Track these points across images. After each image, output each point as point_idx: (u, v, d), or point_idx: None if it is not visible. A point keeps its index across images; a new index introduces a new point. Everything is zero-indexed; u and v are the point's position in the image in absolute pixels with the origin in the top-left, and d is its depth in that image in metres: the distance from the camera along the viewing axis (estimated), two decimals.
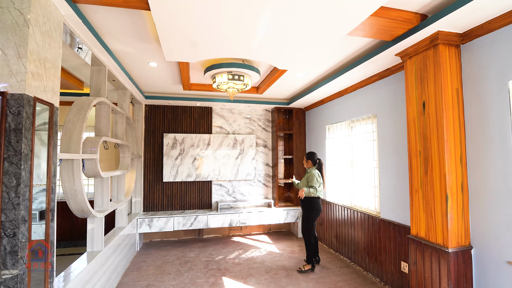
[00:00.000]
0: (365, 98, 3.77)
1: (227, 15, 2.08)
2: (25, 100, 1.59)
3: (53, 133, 1.91)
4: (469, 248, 2.32)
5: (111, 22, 2.39)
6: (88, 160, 2.73)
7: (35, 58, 1.68)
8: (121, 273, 3.61)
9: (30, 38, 1.63)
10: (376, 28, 2.44)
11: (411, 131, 2.69)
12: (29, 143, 1.64)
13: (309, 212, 3.79)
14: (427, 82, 2.50)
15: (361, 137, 3.93)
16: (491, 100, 2.18)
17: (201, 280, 3.47)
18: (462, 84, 2.41)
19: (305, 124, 5.56)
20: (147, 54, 3.10)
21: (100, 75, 2.97)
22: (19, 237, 1.56)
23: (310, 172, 3.86)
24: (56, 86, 1.94)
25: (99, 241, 2.89)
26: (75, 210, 2.55)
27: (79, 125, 2.43)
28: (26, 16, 1.62)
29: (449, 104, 2.37)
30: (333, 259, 4.16)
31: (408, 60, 2.74)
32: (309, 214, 3.79)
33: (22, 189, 1.58)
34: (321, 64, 3.44)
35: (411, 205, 2.69)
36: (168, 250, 4.55)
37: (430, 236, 2.47)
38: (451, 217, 2.30)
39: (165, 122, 5.15)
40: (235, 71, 3.31)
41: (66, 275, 2.32)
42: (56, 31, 1.93)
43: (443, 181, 2.34)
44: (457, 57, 2.43)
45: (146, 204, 5.00)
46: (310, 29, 2.30)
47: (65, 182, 2.37)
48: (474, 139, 2.31)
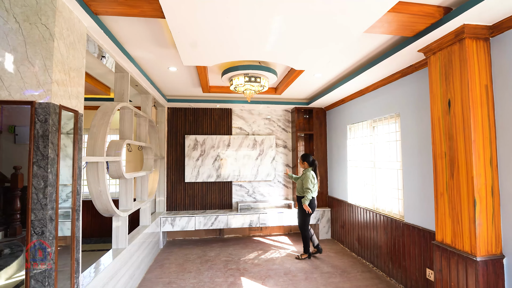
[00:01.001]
0: (387, 97, 3.62)
1: (237, 19, 2.09)
2: (51, 108, 1.72)
3: (78, 138, 2.04)
4: (501, 257, 2.14)
5: (131, 30, 2.51)
6: (112, 162, 2.88)
7: (60, 69, 1.81)
8: (145, 270, 3.77)
9: (55, 50, 1.76)
10: (396, 24, 2.33)
11: (435, 131, 2.54)
12: (55, 148, 1.77)
13: (303, 211, 4.19)
14: (453, 79, 2.35)
15: (384, 138, 3.78)
16: None
17: (220, 280, 3.54)
18: (492, 80, 2.24)
19: (326, 124, 5.45)
20: (166, 59, 3.21)
21: (123, 81, 3.12)
22: (47, 235, 1.69)
23: (305, 174, 4.21)
24: (80, 93, 2.08)
25: (123, 239, 3.05)
26: (101, 209, 2.71)
27: (103, 130, 2.57)
28: (52, 30, 1.75)
29: (477, 102, 2.20)
30: (354, 263, 4.04)
31: (432, 56, 2.59)
32: (303, 213, 4.20)
33: (49, 190, 1.71)
34: (339, 64, 3.35)
35: (436, 210, 2.54)
36: (190, 249, 4.68)
37: (456, 243, 2.32)
38: (480, 223, 2.15)
39: (187, 124, 5.30)
40: (251, 73, 3.33)
41: (92, 270, 2.48)
42: (79, 42, 2.06)
43: (471, 184, 2.18)
44: (486, 52, 2.25)
45: (169, 203, 5.18)
46: (323, 28, 2.25)
47: (91, 183, 2.53)
48: (506, 140, 2.13)
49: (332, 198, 5.16)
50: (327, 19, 2.11)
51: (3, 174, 2.58)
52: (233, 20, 2.11)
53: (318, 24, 2.18)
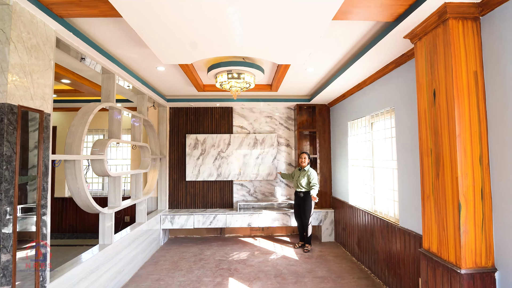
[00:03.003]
0: (382, 90, 3.34)
1: (191, 13, 2.04)
2: (7, 108, 1.80)
3: (44, 137, 2.13)
4: (492, 271, 1.85)
5: (105, 31, 2.56)
6: (95, 161, 2.98)
7: (19, 71, 1.89)
8: (139, 266, 3.87)
9: (11, 53, 1.83)
10: (371, 9, 2.12)
11: (422, 126, 2.28)
12: (12, 146, 1.84)
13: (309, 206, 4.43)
14: (438, 66, 2.09)
15: (381, 134, 3.50)
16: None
17: (208, 279, 3.51)
18: (483, 66, 1.94)
19: (330, 121, 5.19)
20: (151, 59, 3.24)
21: (109, 82, 3.22)
22: (3, 230, 1.77)
23: (309, 170, 4.50)
24: (47, 94, 2.15)
25: (109, 235, 3.14)
26: (82, 206, 2.81)
27: (81, 129, 2.67)
28: (8, 34, 1.82)
29: (463, 91, 1.93)
30: (352, 269, 3.79)
31: (418, 42, 2.33)
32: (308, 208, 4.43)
33: (5, 187, 1.79)
34: (327, 56, 3.15)
35: (423, 214, 2.28)
36: (188, 247, 4.73)
37: (442, 252, 2.05)
38: (466, 231, 1.87)
39: (188, 123, 5.36)
40: (234, 70, 3.25)
41: (72, 263, 2.57)
42: (45, 44, 2.14)
43: (455, 185, 1.91)
44: (476, 33, 1.96)
45: (171, 201, 5.28)
46: (285, 19, 2.12)
47: (69, 181, 2.63)
48: (500, 134, 1.82)
49: (335, 199, 4.90)
50: (285, 9, 1.98)
51: None
52: (188, 14, 2.05)
53: (278, 15, 2.06)
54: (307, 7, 1.96)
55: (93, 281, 2.74)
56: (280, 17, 2.10)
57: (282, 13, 2.04)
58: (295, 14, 2.05)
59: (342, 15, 2.20)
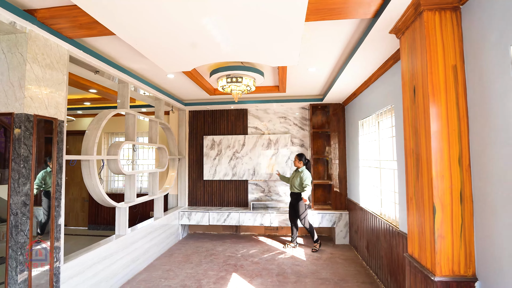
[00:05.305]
0: (384, 87, 3.19)
1: (172, 24, 2.22)
2: (23, 117, 2.19)
3: (58, 140, 2.52)
4: (472, 280, 1.71)
5: (113, 47, 2.90)
6: (111, 161, 3.38)
7: (34, 86, 2.28)
8: (155, 257, 4.24)
9: (27, 72, 2.22)
10: (349, 5, 2.08)
11: (406, 125, 2.18)
12: (29, 148, 2.24)
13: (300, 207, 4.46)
14: (416, 61, 1.98)
15: (385, 134, 3.34)
16: (493, 76, 1.56)
17: (213, 273, 3.71)
18: (464, 59, 1.80)
19: (344, 120, 5.04)
20: (160, 68, 3.55)
21: (124, 90, 3.61)
22: (20, 216, 2.16)
23: (302, 172, 4.49)
24: (60, 104, 2.54)
25: (124, 227, 3.52)
26: (98, 200, 3.21)
27: (95, 133, 3.06)
28: (25, 56, 2.22)
29: (439, 87, 1.82)
30: (359, 273, 3.66)
31: (402, 37, 2.23)
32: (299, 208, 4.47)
33: (22, 181, 2.18)
34: (325, 55, 3.13)
35: (407, 217, 2.17)
36: (203, 242, 5.00)
37: (421, 258, 1.94)
38: (441, 235, 1.76)
39: (205, 126, 5.66)
40: (232, 74, 3.41)
41: (87, 249, 2.97)
42: (58, 62, 2.53)
43: (430, 187, 1.81)
44: (456, 25, 1.83)
45: (191, 199, 5.62)
46: (261, 22, 2.20)
47: (86, 178, 3.04)
48: (482, 133, 1.67)
49: (349, 200, 4.75)
50: (257, 13, 2.05)
51: None
52: (170, 25, 2.24)
53: (251, 19, 2.15)
54: (276, 9, 2.01)
55: (106, 266, 3.12)
56: (254, 21, 2.17)
57: (255, 17, 2.11)
58: (269, 15, 2.08)
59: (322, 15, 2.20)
